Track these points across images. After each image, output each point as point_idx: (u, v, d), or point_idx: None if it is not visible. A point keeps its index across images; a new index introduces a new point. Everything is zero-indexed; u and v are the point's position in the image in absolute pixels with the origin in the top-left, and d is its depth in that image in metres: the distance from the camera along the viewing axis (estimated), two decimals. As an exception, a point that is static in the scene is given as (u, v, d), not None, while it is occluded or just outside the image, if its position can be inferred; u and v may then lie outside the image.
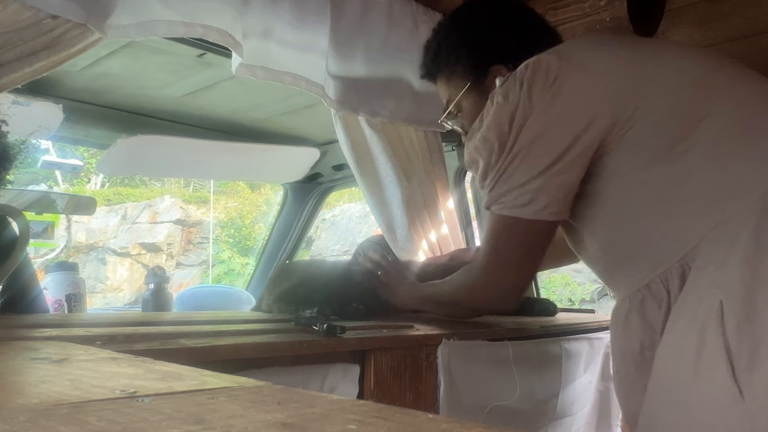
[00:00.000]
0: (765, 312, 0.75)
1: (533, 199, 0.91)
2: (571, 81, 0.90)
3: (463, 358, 1.04)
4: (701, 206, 0.85)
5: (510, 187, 0.93)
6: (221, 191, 11.56)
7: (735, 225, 0.81)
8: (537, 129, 0.90)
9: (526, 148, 0.91)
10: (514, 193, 0.92)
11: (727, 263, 0.80)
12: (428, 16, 1.63)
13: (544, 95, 0.90)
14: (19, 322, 0.89)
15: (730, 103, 0.88)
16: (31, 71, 1.02)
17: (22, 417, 0.30)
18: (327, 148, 2.24)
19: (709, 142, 0.86)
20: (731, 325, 0.77)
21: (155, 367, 0.48)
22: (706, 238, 0.83)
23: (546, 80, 0.90)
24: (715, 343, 0.77)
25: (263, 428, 0.29)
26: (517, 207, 0.93)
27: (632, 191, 0.91)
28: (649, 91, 0.89)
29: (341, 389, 0.87)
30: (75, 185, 10.65)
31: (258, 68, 1.33)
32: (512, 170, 0.92)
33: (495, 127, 0.93)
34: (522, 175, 0.92)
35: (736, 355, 0.76)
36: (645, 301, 0.91)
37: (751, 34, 1.34)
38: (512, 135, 0.91)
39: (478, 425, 0.30)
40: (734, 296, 0.78)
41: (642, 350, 0.91)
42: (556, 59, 0.91)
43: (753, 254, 0.78)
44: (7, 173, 0.97)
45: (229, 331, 0.85)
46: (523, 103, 0.90)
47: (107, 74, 1.63)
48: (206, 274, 10.36)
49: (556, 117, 0.90)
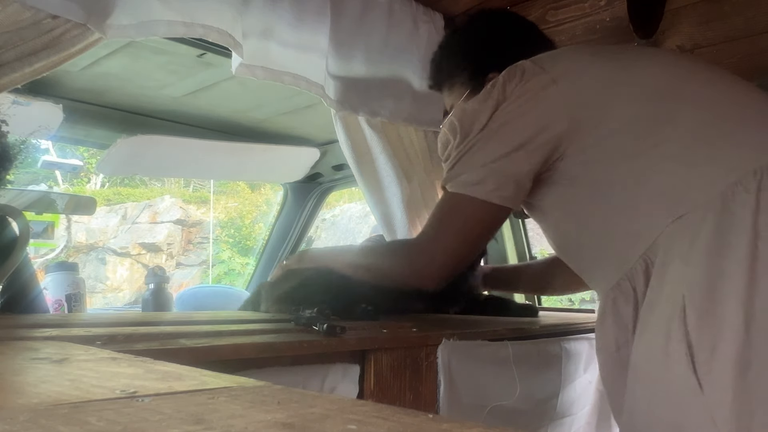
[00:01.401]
0: (725, 306, 0.77)
1: (486, 180, 0.95)
2: (539, 84, 0.96)
3: (463, 358, 1.04)
4: (660, 202, 0.87)
5: (468, 167, 0.97)
6: (221, 191, 11.56)
7: (695, 219, 0.83)
8: (503, 118, 0.96)
9: (489, 134, 0.96)
10: (470, 173, 0.97)
11: (689, 258, 0.82)
12: (428, 16, 1.64)
13: (515, 91, 0.97)
14: (19, 322, 0.89)
15: (699, 108, 0.91)
16: (31, 71, 1.02)
17: (22, 417, 0.30)
18: (327, 148, 2.24)
19: (673, 144, 0.89)
20: (692, 320, 0.79)
21: (155, 367, 0.48)
22: (665, 233, 0.85)
23: (519, 80, 0.97)
24: (678, 337, 0.80)
25: (263, 428, 0.29)
26: (470, 185, 0.96)
27: (596, 192, 0.95)
28: (612, 100, 0.94)
29: (341, 389, 0.87)
30: (75, 185, 10.65)
31: (258, 68, 1.33)
32: (473, 152, 0.97)
33: (463, 114, 1.00)
34: (481, 157, 0.96)
35: (696, 348, 0.78)
36: (617, 300, 0.94)
37: (751, 34, 1.34)
38: (480, 121, 0.97)
39: (478, 425, 0.30)
40: (696, 290, 0.80)
41: (618, 348, 0.94)
42: (531, 64, 1.00)
43: (714, 250, 0.80)
44: (7, 173, 0.97)
45: (229, 331, 0.85)
46: (496, 96, 0.97)
47: (107, 74, 1.63)
48: (206, 274, 10.36)
49: (520, 111, 0.96)
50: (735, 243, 0.79)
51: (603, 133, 0.92)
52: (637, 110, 0.92)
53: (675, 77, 0.97)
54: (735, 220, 0.80)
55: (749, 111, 0.92)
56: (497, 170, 0.95)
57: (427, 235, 1.04)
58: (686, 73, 0.98)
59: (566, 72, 0.99)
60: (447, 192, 1.01)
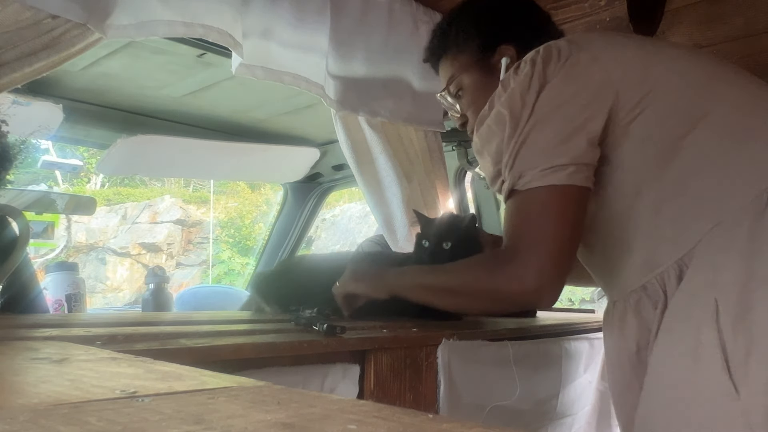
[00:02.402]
0: (760, 310, 0.76)
1: (562, 165, 0.86)
2: (582, 63, 0.90)
3: (463, 358, 1.04)
4: (700, 208, 0.85)
5: (533, 158, 0.88)
6: (221, 191, 11.56)
7: (730, 225, 0.81)
8: (553, 100, 0.88)
9: (544, 118, 0.88)
10: (539, 164, 0.87)
11: (722, 263, 0.80)
12: (428, 16, 1.64)
13: (557, 72, 0.89)
14: (19, 322, 0.89)
15: (728, 105, 0.89)
16: (31, 71, 1.02)
17: (22, 417, 0.30)
18: (327, 148, 2.25)
19: (708, 142, 0.86)
20: (726, 323, 0.77)
21: (155, 367, 0.48)
22: (704, 240, 0.83)
23: (558, 60, 0.90)
24: (711, 341, 0.78)
25: (263, 428, 0.29)
26: (547, 175, 0.86)
27: (635, 189, 0.90)
28: (652, 85, 0.89)
29: (341, 389, 0.87)
30: (75, 185, 10.65)
31: (258, 68, 1.33)
32: (531, 141, 0.88)
33: (508, 103, 0.91)
34: (542, 143, 0.87)
35: (731, 351, 0.76)
36: (641, 301, 0.91)
37: (751, 34, 1.34)
38: (527, 108, 0.89)
39: (478, 425, 0.30)
40: (730, 294, 0.78)
41: (638, 350, 0.91)
42: (566, 44, 0.92)
43: (748, 253, 0.78)
44: (7, 173, 0.97)
45: (229, 331, 0.85)
46: (537, 79, 0.89)
47: (107, 74, 1.63)
48: (206, 274, 10.36)
49: (570, 91, 0.89)
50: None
51: (645, 119, 0.87)
52: (678, 98, 0.88)
53: (708, 73, 0.93)
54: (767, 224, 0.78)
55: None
56: (568, 152, 0.86)
57: (520, 246, 0.89)
58: (717, 69, 0.95)
59: (605, 49, 0.93)
60: (520, 194, 0.89)
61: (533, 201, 0.88)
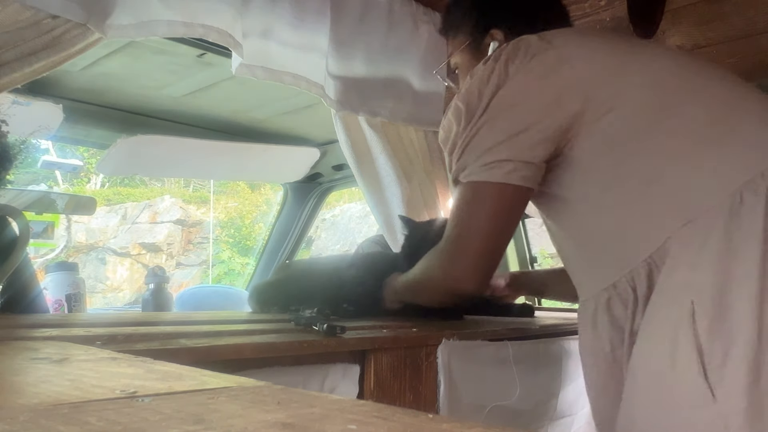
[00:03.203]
0: (736, 311, 0.76)
1: (500, 163, 0.89)
2: (548, 62, 0.91)
3: (463, 358, 1.04)
4: (670, 204, 0.85)
5: (477, 153, 0.91)
6: (221, 191, 11.56)
7: (704, 224, 0.81)
8: (508, 99, 0.91)
9: (493, 116, 0.91)
10: (481, 159, 0.90)
11: (698, 263, 0.80)
12: (428, 16, 1.63)
13: (519, 70, 0.91)
14: (19, 322, 0.89)
15: (704, 104, 0.89)
16: (31, 71, 1.02)
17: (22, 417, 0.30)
18: (327, 148, 2.25)
19: (681, 140, 0.86)
20: (703, 325, 0.77)
21: (155, 367, 0.48)
22: (674, 237, 0.83)
23: (524, 57, 0.91)
24: (688, 344, 0.78)
25: (263, 428, 0.29)
26: (485, 171, 0.90)
27: (603, 187, 0.91)
28: (622, 85, 0.90)
29: (341, 389, 0.87)
30: (75, 185, 10.65)
31: (258, 68, 1.34)
32: (480, 137, 0.91)
33: (466, 96, 0.94)
34: (489, 140, 0.90)
35: (707, 354, 0.76)
36: (611, 300, 0.91)
37: (751, 34, 1.34)
38: (482, 104, 0.91)
39: (478, 425, 0.30)
40: (706, 296, 0.78)
41: (612, 349, 0.91)
42: (537, 39, 0.93)
43: (724, 254, 0.78)
44: (7, 173, 0.97)
45: (229, 331, 0.85)
46: (498, 75, 0.91)
47: (107, 74, 1.63)
48: (206, 274, 10.36)
49: (527, 91, 0.91)
50: (745, 247, 0.77)
51: (613, 118, 0.88)
52: (648, 98, 0.89)
53: (684, 70, 0.94)
54: (744, 224, 0.78)
55: (753, 111, 0.90)
56: (509, 152, 0.89)
57: (453, 236, 0.96)
58: (694, 68, 0.95)
59: (578, 49, 0.93)
60: (461, 184, 0.93)
61: (470, 194, 0.93)
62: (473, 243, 0.93)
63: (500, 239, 0.96)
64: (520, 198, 0.92)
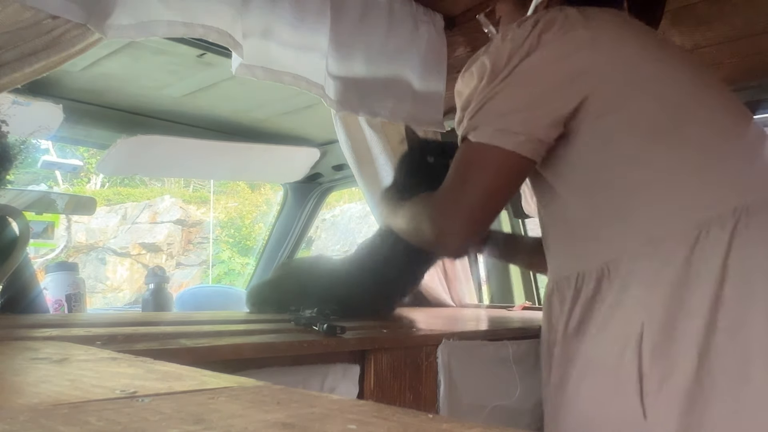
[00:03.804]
0: (680, 344, 0.78)
1: (515, 130, 0.88)
2: (578, 41, 0.89)
3: (463, 358, 1.04)
4: (639, 220, 0.86)
5: (492, 115, 0.89)
6: (221, 191, 11.56)
7: (667, 248, 0.82)
8: (534, 70, 0.89)
9: (516, 83, 0.89)
10: (495, 123, 0.89)
11: (654, 284, 0.82)
12: (428, 16, 1.63)
13: (551, 42, 0.89)
14: (19, 322, 0.89)
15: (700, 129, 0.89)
16: (31, 71, 1.02)
17: (22, 417, 0.30)
18: (327, 148, 2.25)
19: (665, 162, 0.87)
20: (647, 350, 0.80)
21: (155, 367, 0.48)
22: (632, 252, 0.85)
23: (559, 30, 0.89)
24: (631, 363, 0.81)
25: (263, 428, 0.29)
26: (497, 135, 0.88)
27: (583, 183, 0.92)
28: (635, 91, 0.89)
29: (341, 389, 0.87)
30: (75, 185, 10.65)
31: (258, 68, 1.33)
32: (498, 100, 0.89)
33: (494, 55, 0.92)
34: (507, 105, 0.89)
35: (646, 378, 0.79)
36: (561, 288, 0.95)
37: (751, 34, 1.34)
38: (509, 67, 0.89)
39: (478, 425, 0.30)
40: (655, 321, 0.80)
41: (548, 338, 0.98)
42: (576, 14, 0.91)
43: (681, 283, 0.80)
44: (7, 173, 0.97)
45: (229, 331, 0.85)
46: (530, 42, 0.89)
47: (107, 74, 1.63)
48: (206, 274, 10.36)
49: (551, 61, 0.89)
50: (701, 281, 0.78)
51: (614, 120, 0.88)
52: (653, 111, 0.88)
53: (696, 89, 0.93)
54: (705, 256, 0.79)
55: (744, 143, 0.90)
56: (525, 121, 0.88)
57: (449, 190, 0.94)
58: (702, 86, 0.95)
59: (611, 40, 0.92)
60: (469, 142, 0.91)
61: (476, 154, 0.91)
62: (468, 202, 0.92)
63: (495, 205, 0.95)
64: (524, 168, 0.92)
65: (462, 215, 0.93)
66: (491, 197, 0.92)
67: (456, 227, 0.95)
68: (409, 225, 1.07)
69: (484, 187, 0.91)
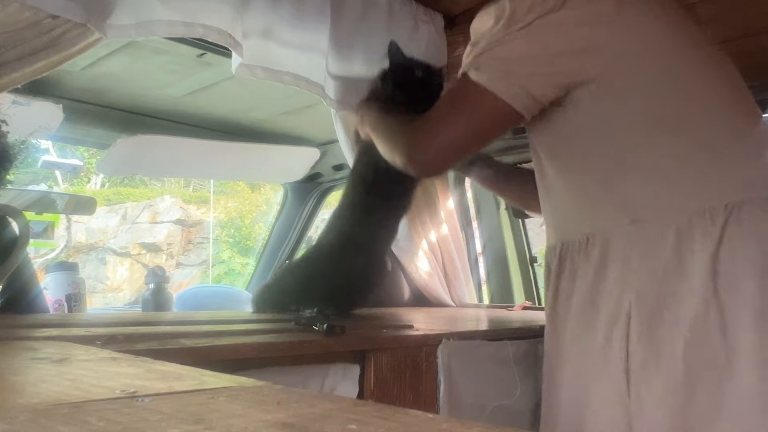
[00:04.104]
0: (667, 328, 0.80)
1: (514, 82, 0.88)
2: (603, 10, 0.88)
3: (463, 358, 1.04)
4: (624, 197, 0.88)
5: (497, 60, 0.89)
6: (221, 191, 11.56)
7: (653, 232, 0.83)
8: (553, 25, 0.88)
9: (531, 36, 0.88)
10: (498, 68, 0.89)
11: (642, 267, 0.83)
12: (428, 16, 1.63)
13: (577, 6, 0.88)
14: (19, 322, 0.89)
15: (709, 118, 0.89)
16: (31, 71, 1.02)
17: (22, 417, 0.30)
18: (327, 148, 2.24)
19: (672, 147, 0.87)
20: (635, 331, 0.82)
21: (155, 367, 0.48)
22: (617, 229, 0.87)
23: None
24: (619, 342, 0.83)
25: (263, 428, 0.29)
26: (495, 81, 0.89)
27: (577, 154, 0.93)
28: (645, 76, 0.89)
29: (341, 389, 0.87)
30: (75, 185, 10.64)
31: (258, 68, 1.33)
32: (509, 47, 0.89)
33: (516, 3, 0.90)
34: (514, 54, 0.89)
35: (632, 358, 0.81)
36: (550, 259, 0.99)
37: (751, 34, 1.34)
38: (528, 17, 0.89)
39: (478, 425, 0.30)
40: (644, 304, 0.82)
41: None
42: None
43: (672, 270, 0.81)
44: (7, 173, 0.97)
45: (229, 331, 0.85)
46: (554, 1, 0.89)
47: (107, 74, 1.63)
48: (206, 274, 10.35)
49: (570, 23, 0.88)
50: (692, 272, 0.79)
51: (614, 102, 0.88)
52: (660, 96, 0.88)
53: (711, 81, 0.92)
54: (695, 248, 0.80)
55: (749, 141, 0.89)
56: (527, 81, 0.88)
57: (432, 121, 0.95)
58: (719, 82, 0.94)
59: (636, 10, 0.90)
60: (467, 79, 0.91)
61: (469, 92, 0.92)
62: (446, 137, 0.93)
63: (470, 147, 0.98)
64: (511, 120, 0.93)
65: (435, 150, 0.95)
66: (469, 139, 0.94)
67: (426, 159, 0.98)
68: (385, 143, 1.08)
69: (466, 128, 0.93)
